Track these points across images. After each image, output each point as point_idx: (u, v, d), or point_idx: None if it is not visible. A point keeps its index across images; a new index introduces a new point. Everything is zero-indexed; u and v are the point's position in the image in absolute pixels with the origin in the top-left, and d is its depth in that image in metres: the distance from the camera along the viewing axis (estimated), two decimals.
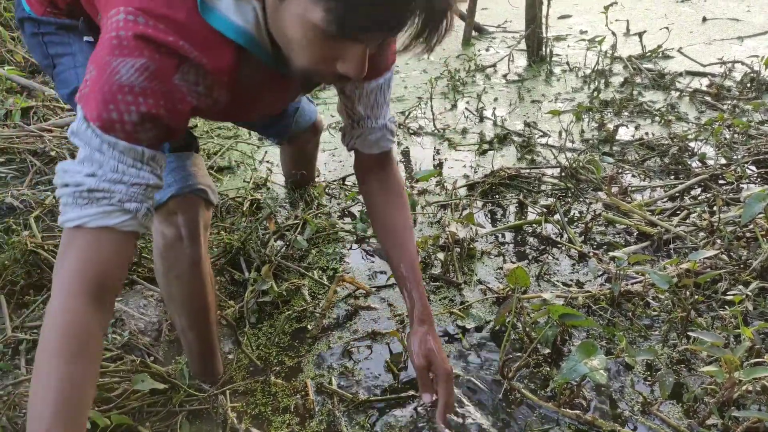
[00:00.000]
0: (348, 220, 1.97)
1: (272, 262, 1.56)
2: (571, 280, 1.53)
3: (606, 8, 3.15)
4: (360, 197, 2.08)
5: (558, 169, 2.07)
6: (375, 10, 0.72)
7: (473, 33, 3.94)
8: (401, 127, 2.66)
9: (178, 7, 0.80)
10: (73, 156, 2.20)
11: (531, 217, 1.85)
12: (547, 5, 3.18)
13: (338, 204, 2.07)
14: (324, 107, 2.98)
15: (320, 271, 1.64)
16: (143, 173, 0.83)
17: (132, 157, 0.82)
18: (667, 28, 3.38)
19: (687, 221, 1.67)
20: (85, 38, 1.21)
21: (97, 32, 1.02)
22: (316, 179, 2.17)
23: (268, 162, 2.44)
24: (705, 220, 1.57)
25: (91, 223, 0.79)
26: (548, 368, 1.22)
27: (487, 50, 3.70)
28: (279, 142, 1.96)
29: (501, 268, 1.60)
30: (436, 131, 2.59)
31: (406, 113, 2.80)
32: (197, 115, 0.95)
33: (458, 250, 1.61)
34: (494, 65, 3.33)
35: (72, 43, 1.22)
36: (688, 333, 1.22)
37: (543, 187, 2.03)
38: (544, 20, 3.25)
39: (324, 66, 0.82)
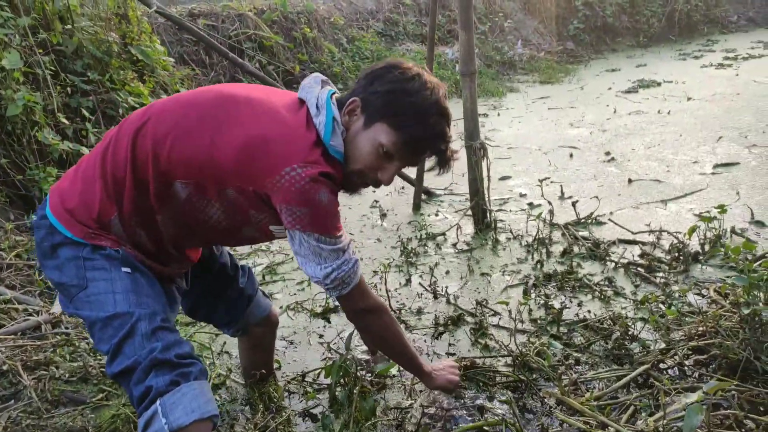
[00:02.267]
0: (310, 422, 1.96)
1: None
2: None
3: (541, 181, 3.44)
4: (319, 396, 2.10)
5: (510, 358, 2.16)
6: (415, 151, 1.43)
7: (422, 196, 4.20)
8: None
9: (319, 150, 1.35)
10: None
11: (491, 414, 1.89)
12: (488, 181, 3.46)
13: (299, 402, 2.07)
14: (283, 284, 3.05)
15: None
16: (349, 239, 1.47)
17: (343, 237, 1.43)
18: (596, 197, 3.70)
19: (636, 421, 1.74)
20: (123, 269, 1.40)
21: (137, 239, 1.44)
22: (276, 373, 2.20)
23: (227, 353, 2.44)
24: (650, 425, 1.65)
25: (358, 278, 1.49)
26: None
27: (436, 215, 3.93)
28: (233, 333, 2.00)
29: None
30: (392, 311, 2.68)
31: None
32: None
33: None
34: (444, 233, 3.53)
35: (111, 270, 1.39)
36: None
37: (498, 378, 2.10)
38: (486, 192, 3.51)
39: (371, 172, 1.42)
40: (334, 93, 1.47)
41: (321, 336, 2.53)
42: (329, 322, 2.66)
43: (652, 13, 12.49)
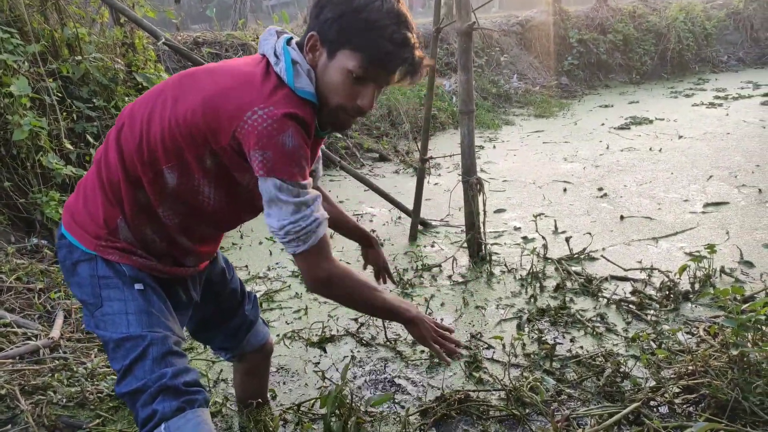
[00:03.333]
0: None
1: None
2: None
3: (535, 217, 3.51)
4: (315, 426, 2.12)
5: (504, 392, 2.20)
6: (384, 66, 1.33)
7: (419, 227, 4.26)
8: (353, 337, 2.78)
9: (281, 92, 1.32)
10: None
11: None
12: (484, 215, 3.52)
13: None
14: (279, 312, 3.08)
15: None
16: (317, 195, 1.40)
17: (312, 187, 1.37)
18: (589, 233, 3.77)
19: None
20: (136, 286, 1.45)
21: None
22: (271, 402, 2.23)
23: (223, 381, 2.47)
24: None
25: (320, 236, 1.38)
26: None
27: (432, 246, 3.99)
28: (229, 358, 2.03)
29: None
30: (387, 342, 2.71)
31: (360, 320, 2.93)
32: None
33: None
34: (440, 265, 3.58)
35: (125, 289, 1.44)
36: None
37: (491, 413, 2.13)
38: (481, 225, 3.58)
39: (350, 101, 1.37)
40: (291, 38, 1.46)
41: (317, 365, 2.56)
42: (325, 351, 2.69)
43: (644, 51, 12.79)
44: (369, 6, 1.31)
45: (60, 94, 3.71)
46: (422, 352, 2.62)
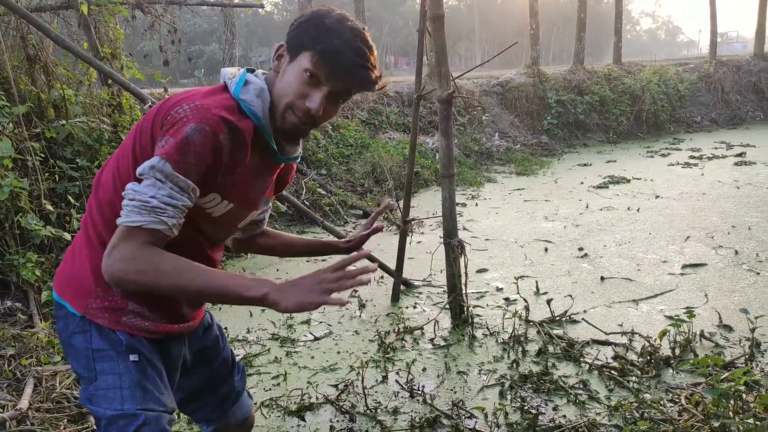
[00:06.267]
0: None
1: None
2: None
3: (517, 279, 3.53)
4: None
5: None
6: (335, 67, 1.33)
7: (401, 287, 4.24)
8: (332, 404, 2.72)
9: (220, 95, 1.33)
10: None
11: None
12: (466, 277, 3.53)
13: None
14: (258, 378, 3.02)
15: None
16: (184, 199, 1.26)
17: (181, 187, 1.25)
18: (570, 295, 3.79)
19: None
20: (131, 357, 1.39)
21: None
22: None
23: None
24: None
25: (148, 225, 1.23)
26: None
27: (414, 307, 3.97)
28: (211, 431, 1.96)
29: None
30: (368, 411, 2.65)
31: (340, 387, 2.88)
32: (222, 182, 1.34)
33: None
34: (421, 328, 3.55)
35: (119, 362, 1.39)
36: None
37: None
38: (463, 287, 3.58)
39: (298, 99, 1.34)
40: (255, 70, 1.49)
41: None
42: (304, 420, 2.62)
43: (621, 111, 13.23)
44: (334, 17, 1.38)
45: (43, 155, 3.72)
46: (404, 421, 2.56)
